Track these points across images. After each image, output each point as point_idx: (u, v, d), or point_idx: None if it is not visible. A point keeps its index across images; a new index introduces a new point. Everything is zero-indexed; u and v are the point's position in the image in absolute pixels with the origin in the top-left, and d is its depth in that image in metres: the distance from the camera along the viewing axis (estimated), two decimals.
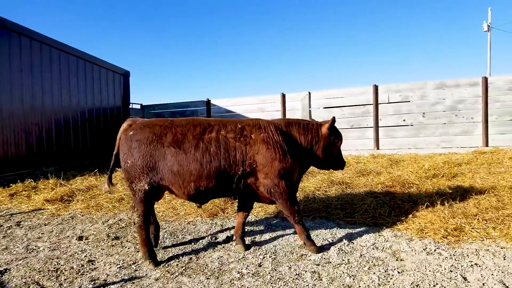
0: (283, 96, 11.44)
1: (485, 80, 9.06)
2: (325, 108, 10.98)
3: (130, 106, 13.40)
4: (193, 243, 3.77)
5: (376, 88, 10.20)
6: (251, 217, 4.52)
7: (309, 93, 11.09)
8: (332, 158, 3.61)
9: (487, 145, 8.99)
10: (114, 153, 3.56)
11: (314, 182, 5.87)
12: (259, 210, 4.75)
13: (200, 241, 3.84)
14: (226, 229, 4.16)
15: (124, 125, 3.47)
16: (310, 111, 11.04)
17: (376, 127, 10.15)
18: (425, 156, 8.36)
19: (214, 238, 3.90)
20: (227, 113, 12.26)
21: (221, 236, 3.94)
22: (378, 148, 10.06)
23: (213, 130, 3.29)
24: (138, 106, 13.83)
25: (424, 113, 9.68)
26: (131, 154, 3.26)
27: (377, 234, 3.70)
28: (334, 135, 3.54)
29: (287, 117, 11.31)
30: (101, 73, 11.77)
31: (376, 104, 10.15)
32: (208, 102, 12.46)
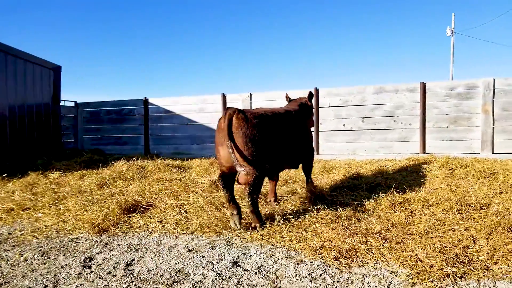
0: (224, 96, 11.11)
1: (423, 85, 9.12)
2: None
3: (62, 104, 12.61)
4: (61, 267, 3.31)
5: (317, 91, 10.05)
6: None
7: (251, 94, 10.82)
8: None
9: (424, 152, 9.05)
10: None
11: None
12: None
13: (72, 263, 3.39)
14: (109, 250, 3.72)
15: None
16: None
17: (317, 131, 10.01)
18: (361, 163, 8.26)
19: (88, 260, 3.46)
20: (166, 113, 11.77)
21: (98, 258, 3.50)
22: (318, 153, 9.91)
23: None
24: (72, 104, 13.05)
25: (363, 118, 9.63)
26: None
27: (269, 255, 3.40)
28: None
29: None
30: (26, 68, 10.91)
31: (317, 107, 10.00)
32: (145, 101, 11.92)
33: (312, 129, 9.97)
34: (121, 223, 4.39)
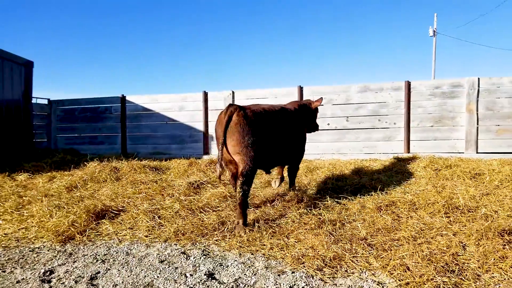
0: (205, 94, 10.82)
1: (408, 84, 9.03)
2: None
3: (34, 101, 12.10)
4: (16, 283, 3.01)
5: (301, 89, 9.88)
6: None
7: (233, 92, 10.56)
8: None
9: (408, 151, 8.97)
10: None
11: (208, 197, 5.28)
12: None
13: (30, 277, 3.09)
14: (73, 261, 3.43)
15: None
16: None
17: None
18: (346, 163, 8.11)
19: (48, 274, 3.16)
20: (144, 111, 11.41)
21: (59, 271, 3.21)
22: None
23: None
24: (45, 101, 12.55)
25: (348, 117, 9.49)
26: None
27: (248, 265, 3.17)
28: None
29: (209, 117, 10.70)
30: None
31: None
32: (123, 99, 11.53)
33: None
34: (88, 231, 4.08)
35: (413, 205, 4.49)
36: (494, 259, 2.98)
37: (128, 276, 3.03)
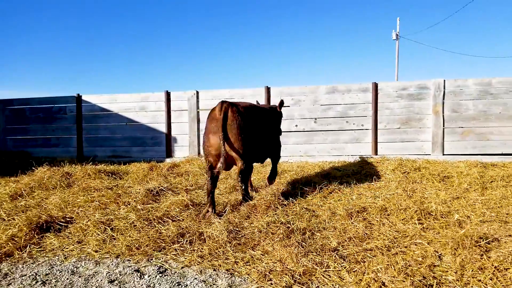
0: (168, 94, 10.39)
1: (375, 86, 9.01)
2: None
3: None
4: None
5: (268, 90, 9.67)
6: None
7: (197, 92, 10.20)
8: None
9: (376, 153, 8.94)
10: None
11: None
12: None
13: None
14: (7, 283, 3.01)
15: None
16: (198, 112, 10.15)
17: None
18: (314, 166, 7.96)
19: None
20: (102, 112, 10.83)
21: None
22: None
23: None
24: None
25: (316, 119, 9.37)
26: None
27: (210, 283, 2.87)
28: None
29: (172, 118, 10.29)
30: None
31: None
32: (78, 98, 10.89)
33: None
34: (30, 246, 3.65)
35: (384, 211, 4.34)
36: (472, 271, 2.83)
37: None
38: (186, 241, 3.63)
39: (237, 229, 3.94)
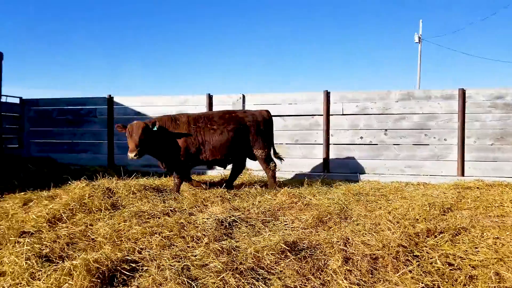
0: (210, 97, 9.63)
1: (463, 92, 8.00)
2: None
3: (4, 100, 10.72)
4: None
5: (327, 94, 8.78)
6: None
7: (243, 96, 9.39)
8: None
9: (463, 174, 7.92)
10: None
11: None
12: None
13: None
14: None
15: None
16: None
17: (327, 144, 8.73)
18: (396, 188, 7.02)
19: None
20: (136, 116, 10.08)
21: None
22: (329, 171, 8.62)
23: None
24: (16, 100, 11.18)
25: (386, 130, 8.43)
26: None
27: None
28: None
29: None
30: None
31: (328, 115, 8.74)
32: (110, 100, 10.25)
33: (321, 140, 8.76)
34: None
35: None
36: None
37: None
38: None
39: None
